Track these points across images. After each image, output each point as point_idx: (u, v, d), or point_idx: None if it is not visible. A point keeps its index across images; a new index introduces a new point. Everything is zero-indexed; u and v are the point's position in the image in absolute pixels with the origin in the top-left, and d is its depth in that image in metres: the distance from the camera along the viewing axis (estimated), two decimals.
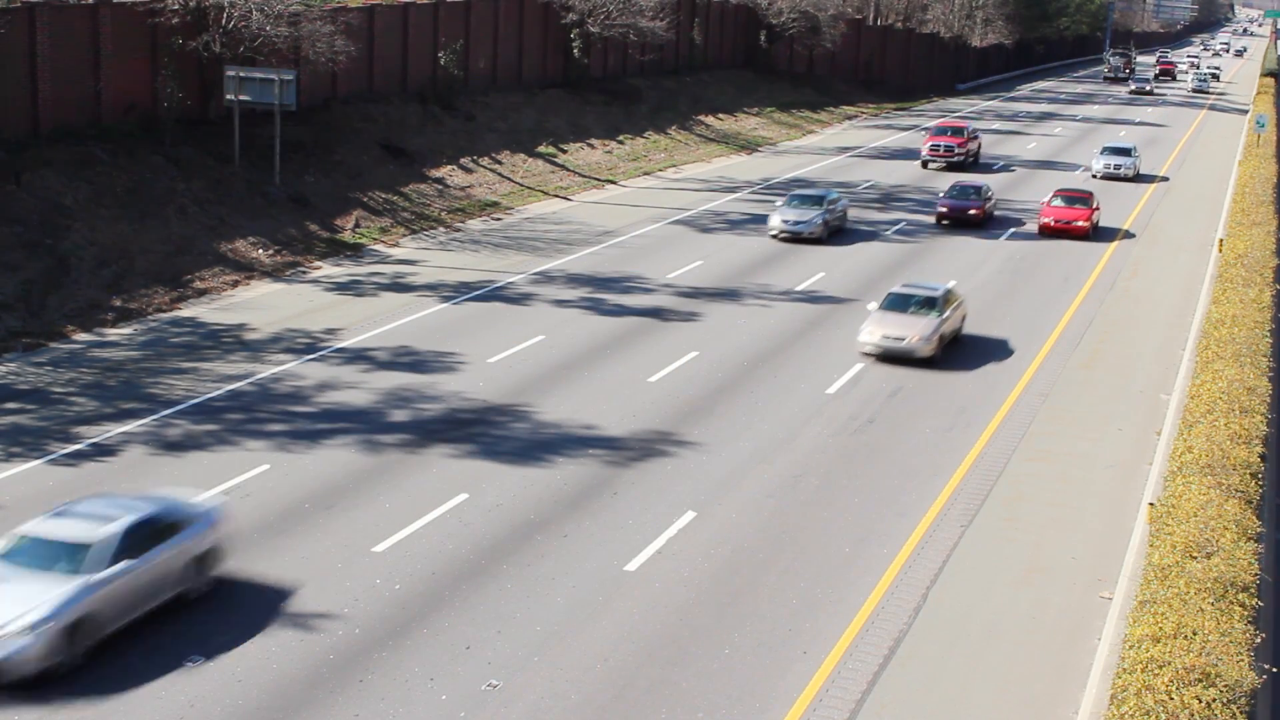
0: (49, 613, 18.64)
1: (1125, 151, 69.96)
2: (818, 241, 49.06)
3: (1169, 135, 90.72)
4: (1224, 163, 76.04)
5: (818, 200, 50.49)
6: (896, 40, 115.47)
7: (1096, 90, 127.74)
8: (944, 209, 54.02)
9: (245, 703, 18.71)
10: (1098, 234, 53.25)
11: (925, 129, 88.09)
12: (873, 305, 36.58)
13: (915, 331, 34.70)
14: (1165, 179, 69.87)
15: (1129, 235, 53.53)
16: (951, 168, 69.55)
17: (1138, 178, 68.87)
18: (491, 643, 20.50)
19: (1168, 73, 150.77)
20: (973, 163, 71.40)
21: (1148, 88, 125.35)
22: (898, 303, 36.11)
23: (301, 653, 20.04)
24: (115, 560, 19.76)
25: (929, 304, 35.80)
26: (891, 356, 34.87)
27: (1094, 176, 67.94)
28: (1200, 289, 44.06)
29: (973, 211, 53.61)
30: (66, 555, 19.59)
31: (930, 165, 70.23)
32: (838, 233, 50.87)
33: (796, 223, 49.00)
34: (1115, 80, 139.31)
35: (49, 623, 18.57)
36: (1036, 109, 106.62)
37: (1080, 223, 52.10)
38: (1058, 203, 53.46)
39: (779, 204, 51.39)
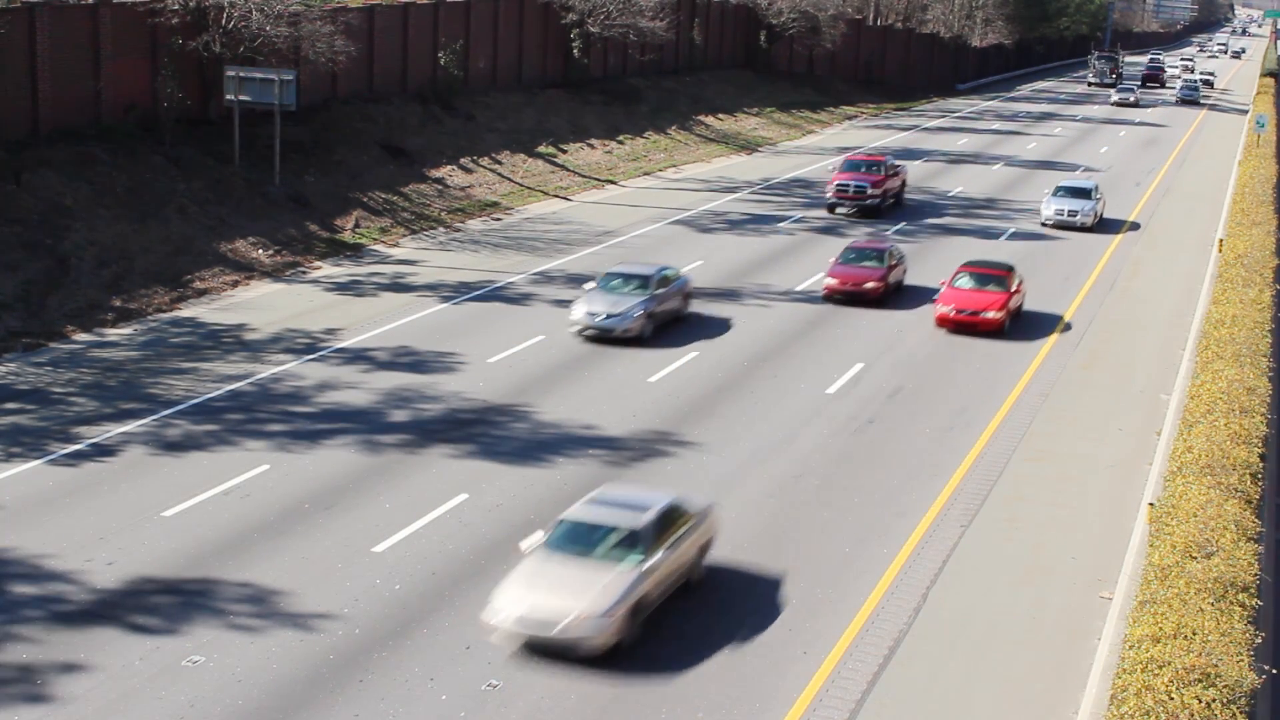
0: None
1: (1083, 193, 55.46)
2: (637, 340, 35.58)
3: (1169, 135, 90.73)
4: (1224, 163, 76.05)
5: (642, 283, 36.73)
6: (896, 40, 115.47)
7: (1096, 90, 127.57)
8: (833, 280, 40.69)
9: (245, 703, 18.71)
10: (1018, 325, 38.77)
11: (926, 128, 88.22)
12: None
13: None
14: (1135, 225, 55.99)
15: (1068, 328, 39.21)
16: (865, 213, 55.19)
17: (1101, 224, 55.16)
18: (491, 643, 20.49)
19: (1155, 78, 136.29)
20: (893, 204, 57.04)
21: (1132, 98, 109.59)
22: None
23: (301, 653, 20.04)
24: None
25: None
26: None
27: (1044, 225, 54.42)
28: (1200, 289, 44.06)
29: (870, 285, 40.28)
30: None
31: (838, 209, 55.60)
32: (674, 323, 37.47)
33: (608, 316, 35.39)
34: (1102, 85, 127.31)
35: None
36: (1036, 109, 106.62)
37: (991, 313, 37.34)
38: (963, 283, 38.71)
39: (587, 287, 37.76)
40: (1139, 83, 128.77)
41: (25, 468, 26.19)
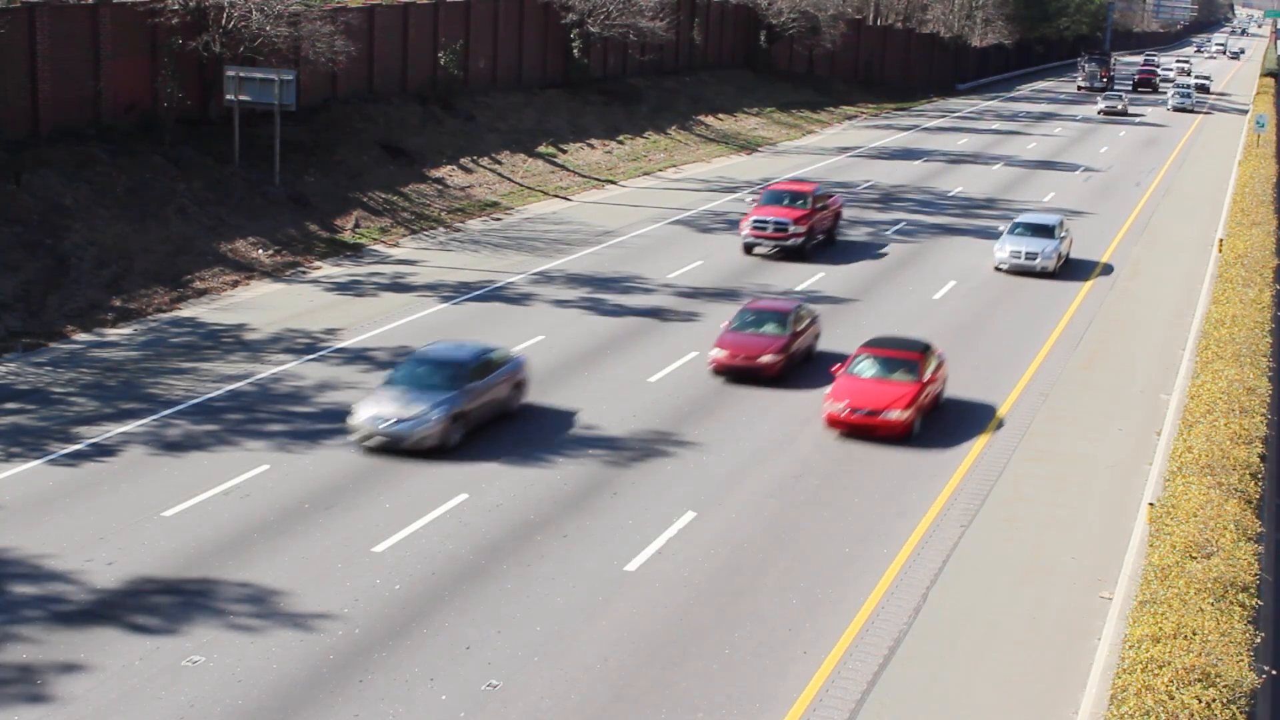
0: None
1: (1045, 230, 46.56)
2: (438, 451, 27.43)
3: (1169, 135, 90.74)
4: (1224, 163, 76.08)
5: (452, 372, 28.39)
6: (896, 40, 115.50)
7: (1089, 94, 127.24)
8: (720, 353, 33.06)
9: (245, 703, 18.71)
10: (937, 423, 30.67)
11: (926, 128, 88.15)
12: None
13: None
14: (1109, 269, 47.55)
15: (1000, 425, 30.78)
16: (787, 255, 46.66)
17: (1066, 266, 46.93)
18: (491, 643, 20.51)
19: (1147, 83, 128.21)
20: (823, 242, 48.21)
21: (1119, 106, 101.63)
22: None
23: (301, 653, 20.05)
24: None
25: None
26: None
27: (998, 268, 46.13)
28: (1200, 289, 44.07)
29: (765, 359, 32.64)
30: None
31: (756, 250, 47.05)
32: (498, 419, 29.46)
33: (397, 421, 27.20)
34: (1092, 90, 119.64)
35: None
36: (1036, 109, 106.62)
37: (895, 413, 29.12)
38: (863, 369, 30.48)
39: (379, 384, 29.19)
40: (1129, 88, 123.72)
41: (25, 468, 26.19)
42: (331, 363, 33.34)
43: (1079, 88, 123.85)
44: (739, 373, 32.99)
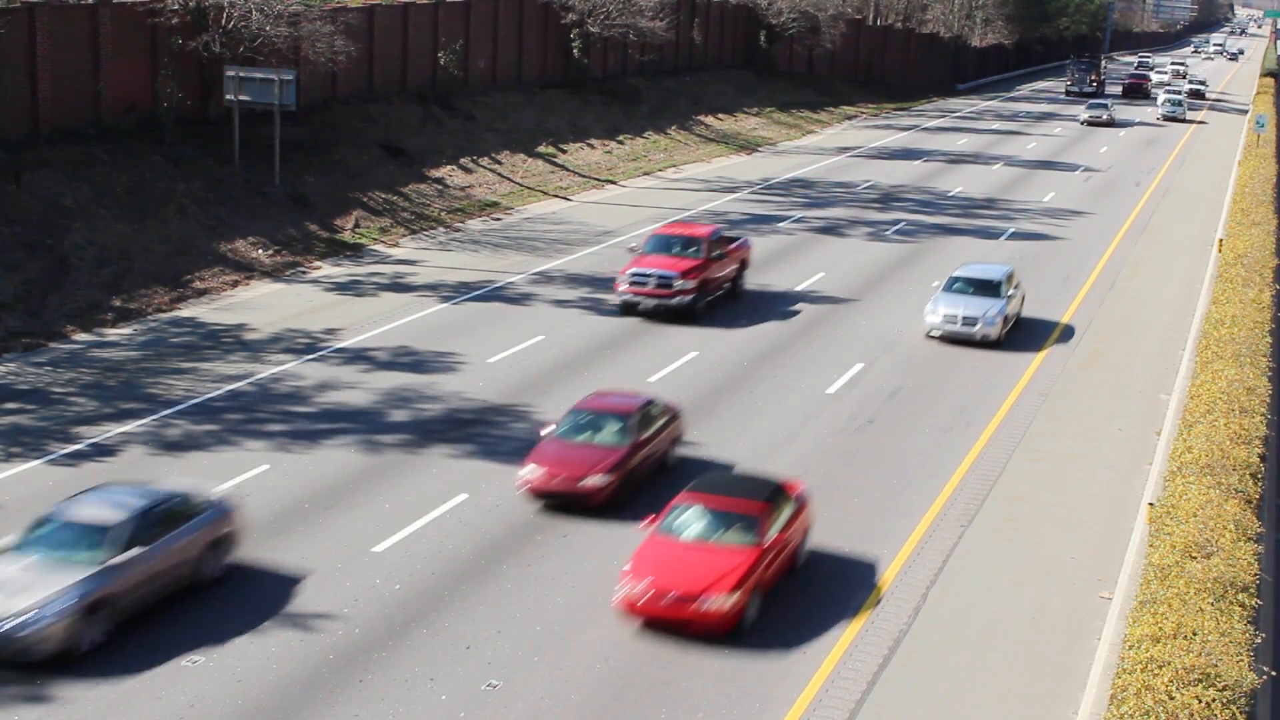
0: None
1: (988, 287, 37.54)
2: (63, 660, 19.15)
3: (1168, 135, 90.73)
4: (1224, 163, 76.08)
5: (103, 538, 20.01)
6: (896, 40, 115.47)
7: (1079, 99, 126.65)
8: (535, 472, 25.10)
9: (245, 703, 18.72)
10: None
11: (926, 127, 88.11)
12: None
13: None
14: (1069, 331, 38.98)
15: (886, 616, 21.88)
16: (675, 316, 37.81)
17: (1016, 328, 38.39)
18: (491, 643, 20.51)
19: (1138, 90, 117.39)
20: (724, 296, 40.01)
21: (1104, 116, 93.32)
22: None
23: (301, 653, 20.05)
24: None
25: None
26: None
27: (929, 335, 37.33)
28: (1200, 289, 44.08)
29: (590, 482, 24.74)
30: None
31: (639, 309, 38.03)
32: (197, 587, 21.54)
33: None
34: (1082, 95, 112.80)
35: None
36: (1036, 109, 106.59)
37: (716, 599, 20.52)
38: (681, 525, 22.02)
39: (7, 548, 20.36)
40: (1119, 94, 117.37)
41: (25, 468, 26.19)
42: (331, 363, 33.35)
43: (1067, 92, 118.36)
44: (558, 498, 25.10)
